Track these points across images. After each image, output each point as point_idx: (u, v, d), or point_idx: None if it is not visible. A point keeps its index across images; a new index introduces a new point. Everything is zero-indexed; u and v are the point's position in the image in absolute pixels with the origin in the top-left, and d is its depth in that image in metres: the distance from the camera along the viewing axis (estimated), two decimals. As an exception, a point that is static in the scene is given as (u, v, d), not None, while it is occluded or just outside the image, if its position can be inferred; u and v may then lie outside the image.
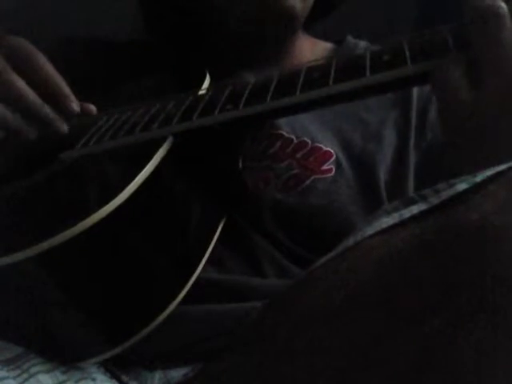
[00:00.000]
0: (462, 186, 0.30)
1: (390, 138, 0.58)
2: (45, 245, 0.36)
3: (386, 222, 0.32)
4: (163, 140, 0.44)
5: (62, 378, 0.39)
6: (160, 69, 0.60)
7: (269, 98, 0.42)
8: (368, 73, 0.39)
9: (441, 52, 0.38)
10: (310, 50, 0.67)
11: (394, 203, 0.34)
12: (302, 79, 0.42)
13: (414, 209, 0.31)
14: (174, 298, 0.42)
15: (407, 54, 0.39)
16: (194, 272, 0.44)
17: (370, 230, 0.32)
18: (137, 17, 0.69)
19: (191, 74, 0.56)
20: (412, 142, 0.58)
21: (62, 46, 0.66)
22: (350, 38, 0.68)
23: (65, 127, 0.50)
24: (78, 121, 0.51)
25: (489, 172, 0.30)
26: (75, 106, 0.50)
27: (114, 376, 0.44)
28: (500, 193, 0.28)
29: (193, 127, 0.44)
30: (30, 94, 0.48)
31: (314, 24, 0.69)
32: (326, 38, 0.71)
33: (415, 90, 0.60)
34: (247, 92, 0.44)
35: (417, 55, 0.39)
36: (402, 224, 0.31)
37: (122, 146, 0.46)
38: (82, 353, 0.41)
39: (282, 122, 0.57)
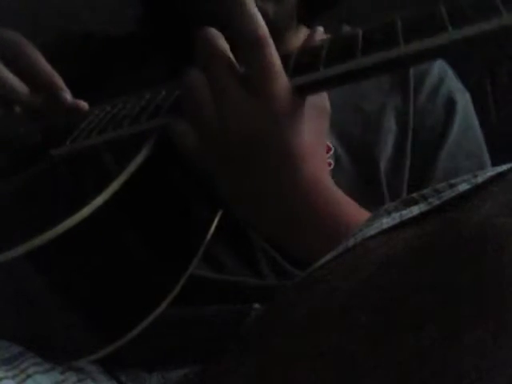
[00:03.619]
0: (463, 187, 0.30)
1: (389, 126, 0.57)
2: (37, 241, 0.36)
3: (387, 222, 0.32)
4: (153, 132, 0.43)
5: (60, 378, 0.39)
6: (156, 62, 0.60)
7: None
8: (359, 54, 0.38)
9: (436, 29, 0.37)
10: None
11: (394, 203, 0.34)
12: (292, 64, 0.41)
13: (415, 209, 0.31)
14: (168, 294, 0.42)
15: (400, 33, 0.37)
16: (188, 267, 0.44)
17: (370, 231, 0.32)
18: (134, 10, 0.68)
19: (184, 66, 0.55)
20: (411, 127, 0.57)
21: (57, 40, 0.65)
22: (346, 27, 0.68)
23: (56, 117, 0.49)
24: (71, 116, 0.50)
25: (490, 173, 0.30)
26: (67, 95, 0.49)
27: (112, 376, 0.44)
28: (501, 194, 0.28)
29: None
30: (21, 87, 0.47)
31: (314, 19, 0.69)
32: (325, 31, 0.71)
33: (412, 73, 0.60)
34: None
35: (410, 34, 0.37)
36: (403, 225, 0.31)
37: (111, 139, 0.45)
38: (77, 351, 0.41)
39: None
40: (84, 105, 0.51)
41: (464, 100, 0.64)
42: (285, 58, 0.41)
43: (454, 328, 0.25)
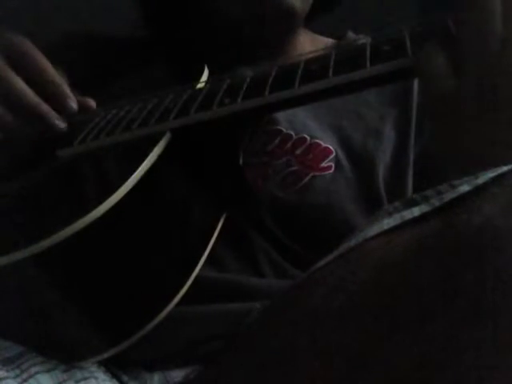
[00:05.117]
0: (464, 188, 0.30)
1: (389, 135, 0.57)
2: (43, 244, 0.36)
3: (388, 223, 0.32)
4: (161, 135, 0.43)
5: (62, 377, 0.39)
6: (159, 63, 0.60)
7: (267, 92, 0.41)
8: (368, 64, 0.38)
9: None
10: (311, 45, 0.66)
11: (395, 204, 0.34)
12: (300, 72, 0.41)
13: (416, 210, 0.31)
14: (174, 296, 0.42)
15: (408, 43, 0.38)
16: (193, 270, 0.44)
17: (370, 232, 0.32)
18: (136, 11, 0.68)
19: (190, 68, 0.55)
20: (412, 139, 0.57)
21: (61, 42, 0.65)
22: (350, 34, 0.68)
23: (62, 125, 0.49)
24: (77, 117, 0.51)
25: (491, 174, 0.30)
26: (73, 104, 0.50)
27: (114, 376, 0.44)
28: (502, 196, 0.28)
29: (190, 122, 0.43)
30: (28, 92, 0.47)
31: (314, 20, 0.69)
32: (326, 34, 0.71)
33: (416, 85, 0.60)
34: (245, 85, 0.43)
35: (418, 45, 0.37)
36: (404, 226, 0.31)
37: (119, 142, 0.45)
38: (82, 352, 0.41)
39: (281, 117, 0.56)
40: (91, 104, 0.51)
41: None
42: (293, 66, 0.42)
43: (454, 328, 0.25)
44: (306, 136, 0.55)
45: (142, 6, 0.68)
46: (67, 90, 0.49)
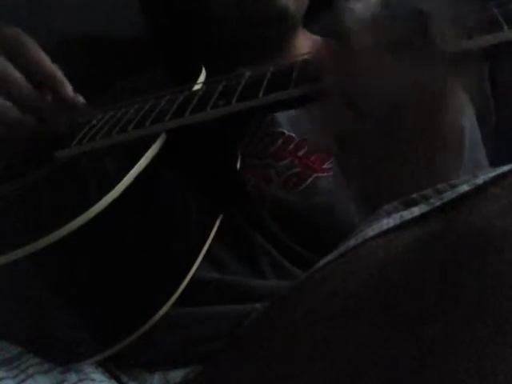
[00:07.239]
0: (463, 188, 0.30)
1: None
2: (39, 243, 0.36)
3: (387, 223, 0.32)
4: (156, 137, 0.43)
5: (59, 378, 0.39)
6: (158, 65, 0.60)
7: (261, 93, 0.41)
8: None
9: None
10: (311, 47, 0.66)
11: (394, 203, 0.34)
12: (295, 73, 0.41)
13: (415, 210, 0.31)
14: (169, 297, 0.42)
15: None
16: (189, 271, 0.44)
17: (370, 232, 0.32)
18: (136, 13, 0.69)
19: (188, 70, 0.56)
20: None
21: (59, 43, 0.65)
22: None
23: (59, 117, 0.49)
24: (75, 119, 0.51)
25: (490, 174, 0.29)
26: (70, 91, 0.50)
27: (113, 376, 0.44)
28: (502, 196, 0.28)
29: (185, 123, 0.44)
30: (25, 84, 0.47)
31: (314, 22, 0.69)
32: (327, 35, 0.71)
33: None
34: (240, 87, 0.44)
35: None
36: (403, 226, 0.31)
37: (115, 143, 0.45)
38: (78, 353, 0.41)
39: (283, 120, 0.57)
40: (78, 99, 0.51)
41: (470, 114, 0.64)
42: (288, 67, 0.42)
43: (454, 328, 0.25)
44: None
45: (142, 8, 0.69)
46: (63, 78, 0.49)
